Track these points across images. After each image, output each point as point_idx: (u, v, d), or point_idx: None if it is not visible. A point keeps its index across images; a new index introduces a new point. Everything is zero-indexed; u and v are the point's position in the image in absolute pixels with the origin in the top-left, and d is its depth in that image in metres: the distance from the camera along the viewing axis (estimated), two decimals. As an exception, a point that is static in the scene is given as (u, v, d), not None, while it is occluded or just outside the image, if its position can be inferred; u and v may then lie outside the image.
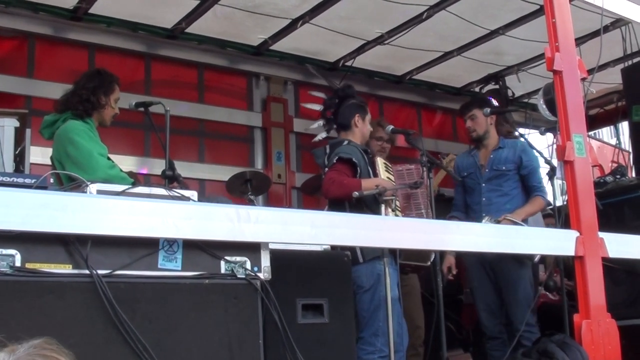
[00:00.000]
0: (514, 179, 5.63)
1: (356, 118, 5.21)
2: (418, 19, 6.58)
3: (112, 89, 4.59)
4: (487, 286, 5.61)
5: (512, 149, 5.70)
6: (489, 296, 5.61)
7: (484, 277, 5.61)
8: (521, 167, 5.61)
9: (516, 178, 5.63)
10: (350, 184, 4.80)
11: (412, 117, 8.67)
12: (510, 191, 5.62)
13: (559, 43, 4.37)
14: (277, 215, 3.20)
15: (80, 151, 4.19)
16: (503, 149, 5.72)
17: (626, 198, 5.82)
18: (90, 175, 3.81)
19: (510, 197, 5.60)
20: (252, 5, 6.23)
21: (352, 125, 5.19)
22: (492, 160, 5.72)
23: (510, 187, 5.62)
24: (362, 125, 5.22)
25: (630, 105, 6.76)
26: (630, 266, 5.46)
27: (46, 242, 2.61)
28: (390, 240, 3.71)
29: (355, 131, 5.19)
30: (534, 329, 5.24)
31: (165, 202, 2.95)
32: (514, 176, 5.63)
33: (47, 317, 2.55)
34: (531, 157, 5.64)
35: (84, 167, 4.09)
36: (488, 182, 5.72)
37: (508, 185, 5.63)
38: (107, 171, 4.12)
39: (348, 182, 4.83)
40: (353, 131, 5.19)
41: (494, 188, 5.69)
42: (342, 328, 3.74)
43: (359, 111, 5.24)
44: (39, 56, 6.33)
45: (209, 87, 7.29)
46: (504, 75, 8.16)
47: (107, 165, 4.21)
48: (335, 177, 4.84)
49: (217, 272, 3.00)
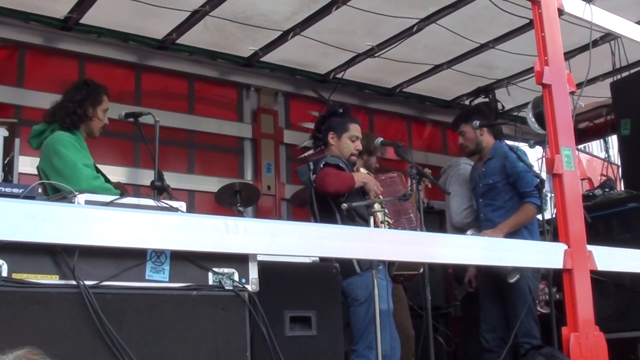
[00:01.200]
0: (505, 190, 5.53)
1: (330, 135, 5.27)
2: (408, 32, 6.61)
3: (100, 101, 4.57)
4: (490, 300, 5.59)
5: (499, 158, 5.60)
6: (491, 310, 5.58)
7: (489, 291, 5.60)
8: (508, 175, 5.50)
9: (508, 189, 5.52)
10: (346, 176, 4.93)
11: (402, 130, 8.68)
12: (503, 204, 5.54)
13: (548, 57, 4.38)
14: (265, 226, 3.19)
15: (64, 162, 4.18)
16: (492, 160, 5.64)
17: (615, 211, 5.84)
18: (74, 186, 3.77)
19: (504, 210, 5.52)
20: (243, 17, 6.24)
21: (329, 142, 5.27)
22: (484, 173, 5.67)
23: (504, 200, 5.54)
24: (337, 142, 5.26)
25: (619, 119, 6.79)
26: (618, 279, 5.47)
27: (33, 252, 2.60)
28: (379, 252, 3.71)
29: (332, 148, 5.25)
30: (535, 341, 5.20)
31: (153, 212, 2.94)
32: (504, 187, 5.53)
33: (33, 327, 2.53)
34: (513, 162, 5.47)
35: (67, 177, 4.07)
36: (483, 197, 5.69)
37: (501, 198, 5.56)
38: (90, 182, 4.10)
39: (343, 174, 4.94)
40: (329, 148, 5.27)
41: (488, 203, 5.66)
42: (330, 341, 3.74)
43: (334, 129, 5.29)
44: (29, 66, 6.32)
45: (199, 98, 7.29)
46: (494, 89, 8.19)
47: (91, 175, 4.18)
48: (329, 171, 4.90)
49: (205, 283, 2.99)
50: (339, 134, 5.26)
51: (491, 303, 5.60)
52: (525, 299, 5.32)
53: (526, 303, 5.32)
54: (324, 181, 4.89)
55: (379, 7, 6.11)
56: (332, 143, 5.25)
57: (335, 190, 4.89)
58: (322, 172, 4.95)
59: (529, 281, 5.36)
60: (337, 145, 5.25)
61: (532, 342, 5.17)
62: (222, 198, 6.27)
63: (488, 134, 5.74)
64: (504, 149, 5.61)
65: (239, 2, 6.02)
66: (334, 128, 5.28)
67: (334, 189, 4.89)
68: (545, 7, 4.45)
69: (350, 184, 4.89)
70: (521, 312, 5.27)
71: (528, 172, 5.40)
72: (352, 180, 4.90)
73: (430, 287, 4.63)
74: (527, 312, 5.25)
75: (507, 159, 5.52)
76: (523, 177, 5.42)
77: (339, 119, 5.34)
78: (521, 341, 5.13)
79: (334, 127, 5.29)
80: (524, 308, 5.28)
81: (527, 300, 5.33)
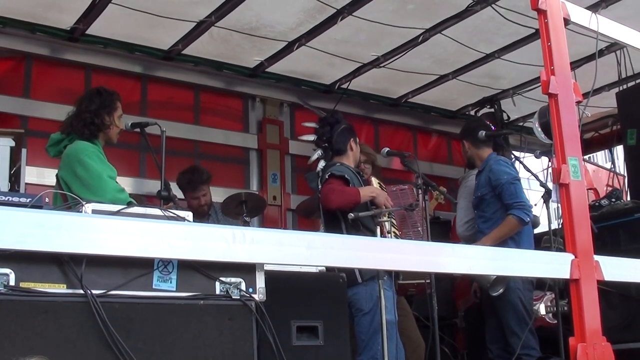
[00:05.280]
0: (493, 202, 5.55)
1: (351, 142, 5.29)
2: (414, 42, 6.62)
3: (115, 107, 4.56)
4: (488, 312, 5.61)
5: (487, 171, 5.62)
6: (491, 321, 5.60)
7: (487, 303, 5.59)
8: (493, 187, 5.51)
9: (495, 200, 5.53)
10: (350, 192, 4.92)
11: (407, 140, 8.68)
12: (492, 215, 5.56)
13: (554, 66, 4.36)
14: (272, 236, 3.17)
15: (90, 173, 4.16)
16: (482, 172, 5.67)
17: (621, 221, 5.82)
18: (99, 197, 3.79)
19: (492, 221, 5.53)
20: (249, 27, 6.26)
21: (348, 149, 5.26)
22: (477, 185, 5.73)
23: (492, 211, 5.56)
24: (355, 148, 5.32)
25: (625, 129, 6.77)
26: (624, 290, 5.45)
27: (41, 261, 2.61)
28: (386, 261, 3.69)
29: (350, 154, 5.27)
30: (533, 352, 5.20)
31: (161, 222, 2.94)
32: (492, 199, 5.55)
33: (40, 336, 2.53)
34: (498, 175, 5.49)
35: (93, 189, 4.07)
36: (476, 209, 5.72)
37: (489, 209, 5.58)
38: (116, 195, 4.08)
39: (348, 190, 4.94)
40: (347, 155, 5.27)
41: (480, 214, 5.69)
42: (337, 350, 3.73)
43: (353, 135, 5.35)
44: (36, 76, 6.34)
45: (204, 109, 7.30)
46: (499, 99, 8.18)
47: (116, 188, 4.17)
48: (334, 187, 4.91)
49: (212, 293, 3.00)
50: (356, 140, 5.29)
51: (489, 315, 5.63)
52: (517, 312, 5.32)
53: (518, 315, 5.31)
54: (328, 197, 4.90)
55: (385, 18, 6.12)
56: (353, 149, 5.27)
57: (337, 207, 4.90)
58: (327, 186, 4.95)
59: (520, 293, 5.35)
60: (355, 152, 5.27)
61: (531, 354, 5.16)
62: (228, 208, 6.27)
63: (480, 147, 5.77)
64: (490, 161, 5.64)
65: (245, 13, 6.04)
66: (353, 134, 5.30)
67: (336, 205, 4.90)
68: (551, 17, 4.43)
69: (355, 200, 4.88)
70: (513, 325, 5.27)
71: (512, 183, 5.42)
72: (356, 196, 4.90)
73: (437, 297, 4.63)
74: (522, 324, 5.25)
75: (492, 171, 5.56)
76: (506, 188, 5.44)
77: (348, 127, 5.35)
78: (520, 353, 5.10)
79: (353, 134, 5.31)
80: (516, 320, 5.28)
81: (518, 312, 5.32)
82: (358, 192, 4.92)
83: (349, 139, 5.29)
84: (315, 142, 5.43)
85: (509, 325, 5.34)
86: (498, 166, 5.54)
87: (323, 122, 5.46)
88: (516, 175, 5.54)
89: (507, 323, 5.35)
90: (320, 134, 5.42)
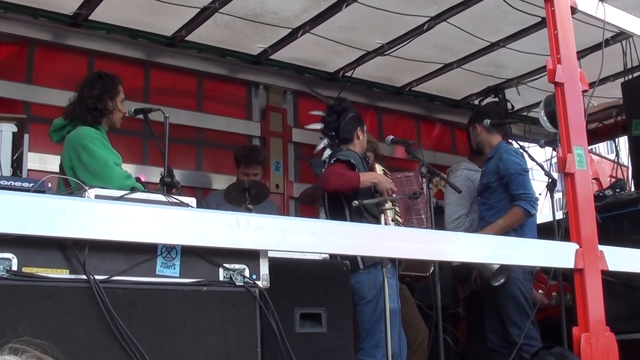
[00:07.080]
0: (499, 190, 5.53)
1: (358, 131, 5.27)
2: (419, 30, 6.57)
3: (117, 91, 4.55)
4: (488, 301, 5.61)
5: (495, 158, 5.61)
6: (490, 310, 5.59)
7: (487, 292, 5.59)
8: (501, 177, 5.50)
9: (501, 189, 5.52)
10: (350, 176, 4.88)
11: (411, 129, 8.65)
12: (496, 203, 5.55)
13: (560, 55, 4.36)
14: (276, 223, 3.17)
15: (95, 159, 4.15)
16: (491, 159, 5.66)
17: (626, 212, 5.82)
18: (106, 184, 3.77)
19: (496, 209, 5.53)
20: (253, 14, 6.22)
21: (355, 138, 5.25)
22: (483, 172, 5.73)
23: (497, 200, 5.55)
24: (362, 137, 5.30)
25: (631, 119, 6.76)
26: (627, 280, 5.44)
27: (43, 246, 2.59)
28: (390, 249, 3.69)
29: (357, 143, 5.25)
30: (534, 342, 5.20)
31: (164, 207, 2.93)
32: (498, 188, 5.54)
33: (43, 321, 2.52)
34: (508, 164, 5.48)
35: (99, 175, 4.05)
36: (480, 196, 5.72)
37: (494, 197, 5.57)
38: (123, 181, 4.06)
39: (347, 174, 4.91)
40: (354, 143, 5.25)
41: (484, 202, 5.68)
42: (340, 338, 3.72)
43: (360, 124, 5.33)
44: (38, 62, 6.30)
45: (208, 96, 7.27)
46: (504, 88, 8.15)
47: (123, 175, 4.16)
48: (335, 169, 4.89)
49: (216, 279, 2.98)
50: (363, 128, 5.27)
51: (489, 304, 5.63)
52: (517, 302, 5.32)
53: (518, 305, 5.31)
54: (327, 179, 4.89)
55: (390, 5, 6.08)
56: (360, 138, 5.26)
57: (334, 190, 4.87)
58: (329, 168, 4.94)
59: (520, 284, 5.35)
60: (362, 140, 5.26)
61: (532, 343, 5.16)
62: (231, 196, 6.25)
63: (491, 133, 5.74)
64: (500, 150, 5.61)
65: (249, -1, 6.01)
66: (361, 122, 5.29)
67: (333, 187, 4.87)
68: (558, 5, 4.42)
69: (353, 185, 4.84)
70: (513, 315, 5.27)
71: (521, 174, 5.40)
72: (355, 180, 4.85)
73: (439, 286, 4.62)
74: (522, 314, 5.25)
75: (502, 160, 5.54)
76: (514, 179, 5.43)
77: (356, 115, 5.33)
78: (521, 343, 5.10)
79: (360, 122, 5.30)
80: (516, 310, 5.28)
81: (518, 302, 5.32)
82: (358, 177, 4.88)
83: (356, 128, 5.27)
84: (322, 131, 5.40)
85: (509, 315, 5.34)
86: (508, 156, 5.53)
87: (330, 110, 5.42)
88: (525, 166, 5.52)
89: (507, 313, 5.36)
90: (327, 122, 5.38)
